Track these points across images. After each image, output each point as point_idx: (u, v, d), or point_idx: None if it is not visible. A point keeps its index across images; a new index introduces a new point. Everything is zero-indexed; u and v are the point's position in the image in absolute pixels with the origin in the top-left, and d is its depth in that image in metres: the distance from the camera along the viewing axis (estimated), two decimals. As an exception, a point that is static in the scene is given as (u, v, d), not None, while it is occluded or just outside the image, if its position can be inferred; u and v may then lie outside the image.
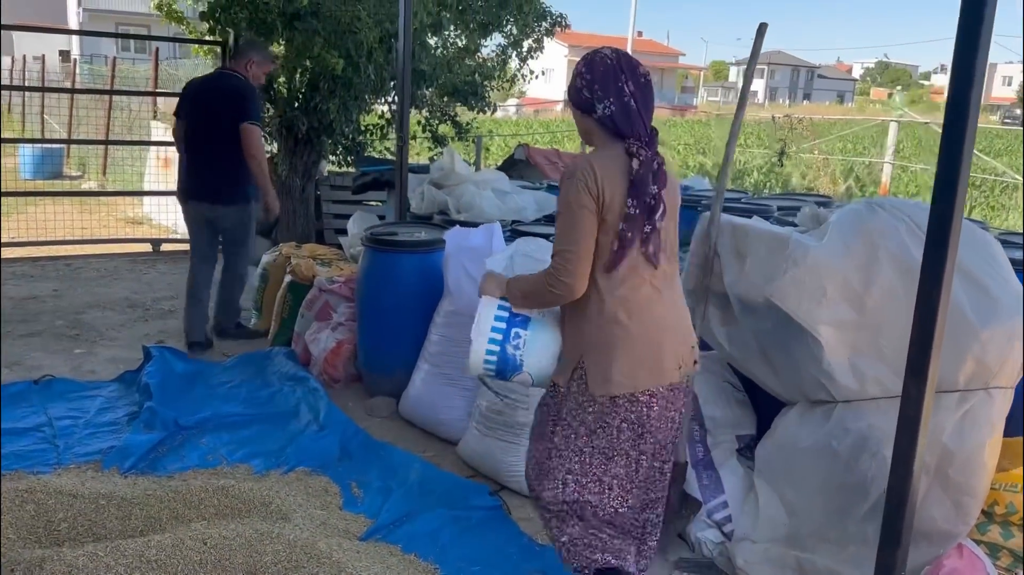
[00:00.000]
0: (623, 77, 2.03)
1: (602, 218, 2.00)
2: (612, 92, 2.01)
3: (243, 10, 5.64)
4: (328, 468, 3.25)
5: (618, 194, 1.99)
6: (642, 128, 2.04)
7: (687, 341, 2.14)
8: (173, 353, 4.23)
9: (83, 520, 2.62)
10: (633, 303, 2.05)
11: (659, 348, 2.07)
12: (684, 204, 4.92)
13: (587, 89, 2.03)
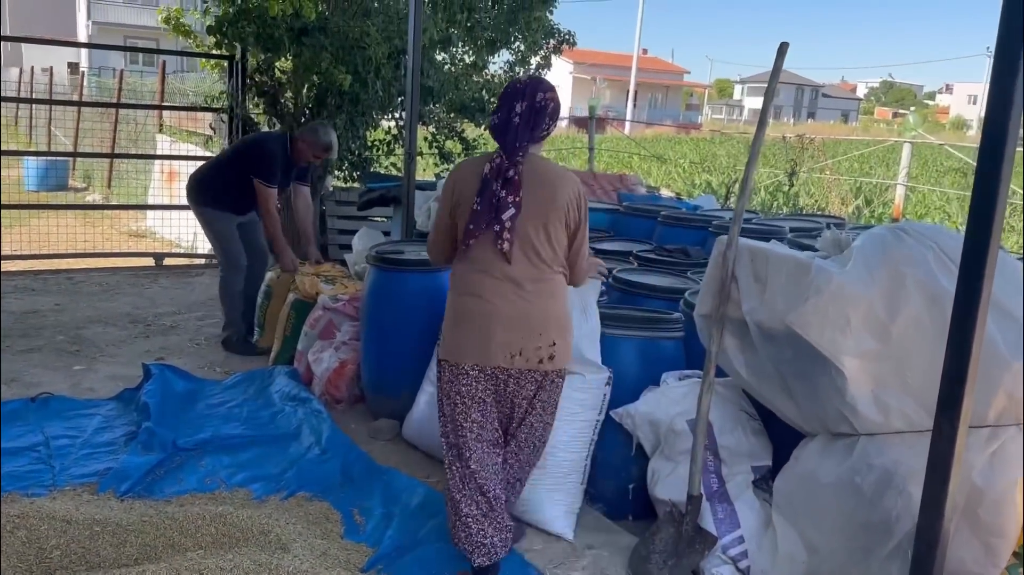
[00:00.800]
0: (519, 99, 2.44)
1: (453, 212, 2.50)
2: (504, 109, 2.44)
3: (250, 24, 5.61)
4: (329, 493, 3.16)
5: (468, 193, 2.44)
6: (513, 142, 2.41)
7: (533, 337, 2.45)
8: (173, 371, 4.15)
9: (76, 547, 2.53)
10: (473, 288, 2.47)
11: (486, 333, 2.44)
12: (693, 224, 4.94)
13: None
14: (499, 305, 2.43)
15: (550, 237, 2.43)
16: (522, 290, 2.43)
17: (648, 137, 29.48)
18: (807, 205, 11.00)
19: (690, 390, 2.98)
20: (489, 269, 2.43)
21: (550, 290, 2.47)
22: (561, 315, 2.51)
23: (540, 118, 2.45)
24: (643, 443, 3.11)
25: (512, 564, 2.74)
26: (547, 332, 2.46)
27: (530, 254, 2.42)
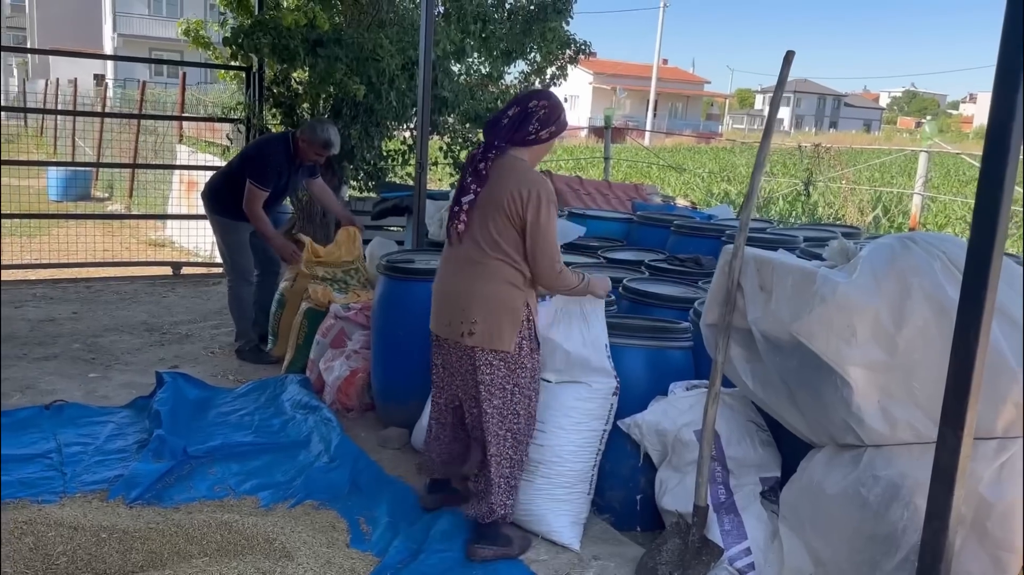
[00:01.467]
0: (516, 104, 2.73)
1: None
2: (501, 110, 2.75)
3: (266, 36, 5.67)
4: (337, 502, 3.16)
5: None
6: (493, 139, 2.69)
7: (458, 312, 2.73)
8: (186, 379, 4.18)
9: (83, 554, 2.55)
10: (441, 265, 2.85)
11: (437, 305, 2.84)
12: (706, 233, 4.92)
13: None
14: (444, 281, 2.82)
15: (498, 228, 2.66)
16: (461, 270, 2.73)
17: (668, 147, 29.45)
18: (825, 215, 10.92)
19: (698, 400, 2.96)
20: (448, 248, 2.81)
21: (486, 273, 2.68)
22: (490, 297, 2.68)
23: (527, 122, 2.68)
24: (650, 453, 3.09)
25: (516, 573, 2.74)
26: (469, 309, 2.69)
27: (478, 238, 2.68)
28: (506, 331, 2.70)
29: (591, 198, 7.27)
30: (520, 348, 2.73)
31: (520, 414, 2.80)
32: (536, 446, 2.98)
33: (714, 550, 2.68)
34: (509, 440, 2.79)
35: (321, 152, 4.65)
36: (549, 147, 2.82)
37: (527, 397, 2.80)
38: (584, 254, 4.73)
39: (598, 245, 5.05)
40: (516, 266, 2.69)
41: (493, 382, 2.75)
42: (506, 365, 2.73)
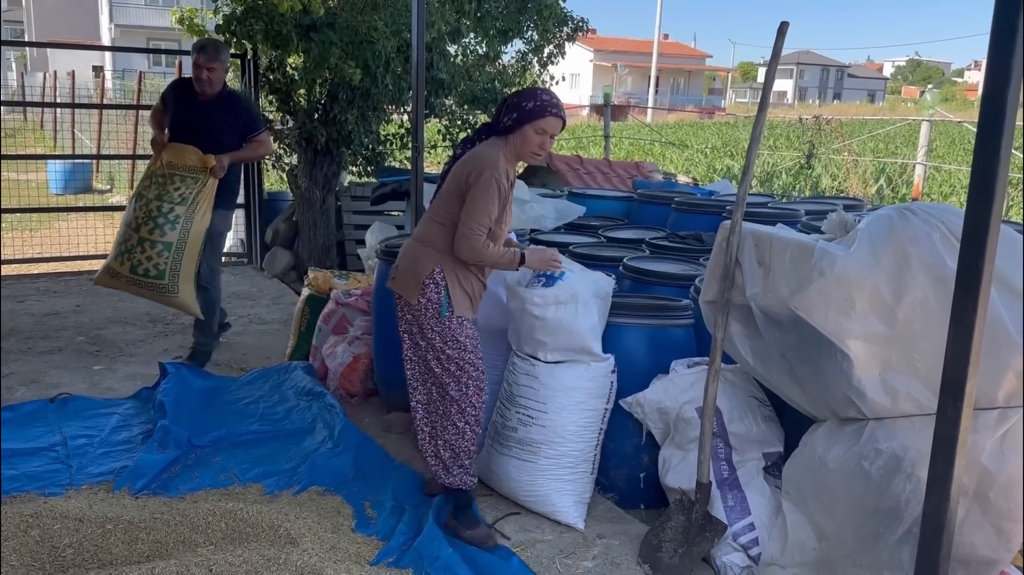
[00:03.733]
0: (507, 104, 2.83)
1: None
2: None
3: (259, 22, 5.63)
4: (342, 487, 3.17)
5: None
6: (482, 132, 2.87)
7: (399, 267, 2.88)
8: (190, 370, 4.20)
9: (89, 546, 2.57)
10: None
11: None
12: (707, 210, 4.89)
13: None
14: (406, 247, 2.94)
15: (448, 199, 2.80)
16: (416, 240, 2.89)
17: (670, 123, 29.26)
18: (828, 187, 10.85)
19: (699, 377, 2.95)
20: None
21: (419, 231, 2.89)
22: (408, 249, 2.87)
23: (499, 113, 2.84)
24: (653, 431, 3.09)
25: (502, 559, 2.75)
26: (400, 262, 2.88)
27: (431, 214, 2.87)
28: (409, 283, 2.81)
29: (591, 177, 7.23)
30: (426, 310, 2.78)
31: (438, 376, 2.83)
32: (538, 427, 2.99)
33: (718, 526, 2.68)
34: (443, 401, 2.86)
35: (195, 60, 4.33)
36: (525, 136, 2.76)
37: (443, 365, 2.81)
38: (584, 233, 4.71)
39: (598, 224, 5.03)
40: (443, 230, 2.79)
41: (404, 329, 2.89)
42: (413, 316, 2.82)
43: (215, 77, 4.35)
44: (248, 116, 4.52)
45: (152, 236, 4.22)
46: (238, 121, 4.44)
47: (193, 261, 4.29)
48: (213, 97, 4.39)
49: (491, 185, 2.70)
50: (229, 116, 4.41)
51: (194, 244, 4.27)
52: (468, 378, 2.83)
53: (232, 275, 6.81)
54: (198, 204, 4.29)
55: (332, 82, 6.13)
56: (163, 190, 4.29)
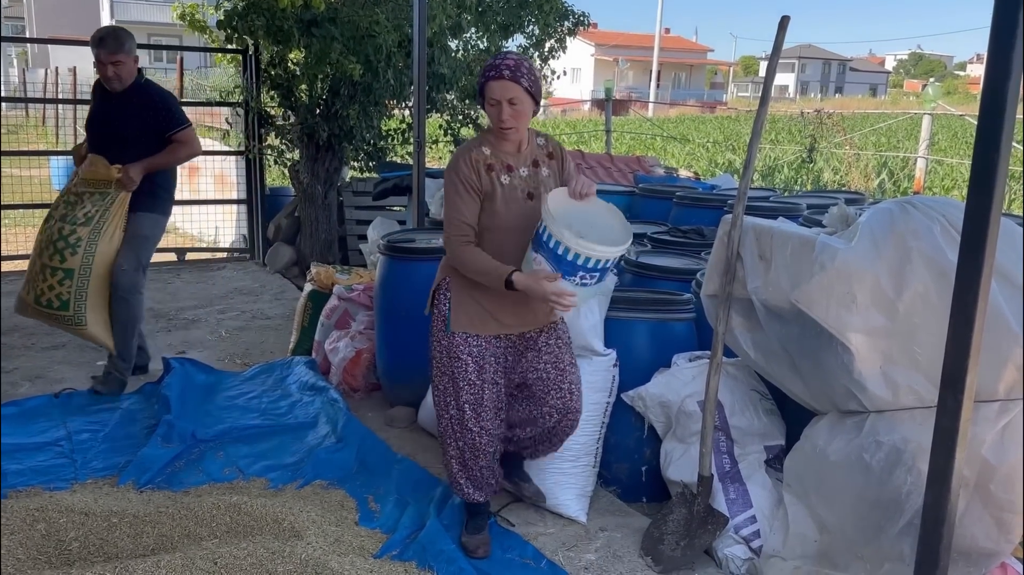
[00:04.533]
0: None
1: None
2: None
3: (260, 17, 5.63)
4: (345, 482, 3.19)
5: None
6: None
7: None
8: (194, 364, 4.21)
9: (94, 539, 2.59)
10: None
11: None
12: (709, 204, 4.90)
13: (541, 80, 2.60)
14: None
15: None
16: None
17: (672, 117, 29.22)
18: (830, 181, 10.84)
19: (700, 371, 2.96)
20: None
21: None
22: (440, 265, 2.75)
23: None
24: (655, 425, 3.10)
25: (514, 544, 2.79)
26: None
27: None
28: (429, 295, 2.75)
29: (592, 172, 7.23)
30: (435, 322, 2.69)
31: (434, 382, 2.71)
32: None
33: (719, 519, 2.70)
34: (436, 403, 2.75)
35: (96, 55, 3.77)
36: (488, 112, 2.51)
37: (436, 374, 2.69)
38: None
39: (600, 219, 5.03)
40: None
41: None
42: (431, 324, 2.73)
43: (123, 71, 3.80)
44: (165, 111, 3.89)
45: (52, 262, 3.76)
46: (154, 117, 3.85)
47: (102, 288, 3.81)
48: (124, 92, 3.85)
49: (449, 183, 2.52)
50: (143, 113, 3.83)
51: (101, 268, 3.78)
52: (463, 398, 2.62)
53: (235, 271, 6.83)
54: (105, 223, 3.77)
55: (333, 77, 6.13)
56: (69, 210, 3.81)
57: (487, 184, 2.50)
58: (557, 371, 2.69)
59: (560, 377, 2.70)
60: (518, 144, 2.56)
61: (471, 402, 2.63)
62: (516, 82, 2.38)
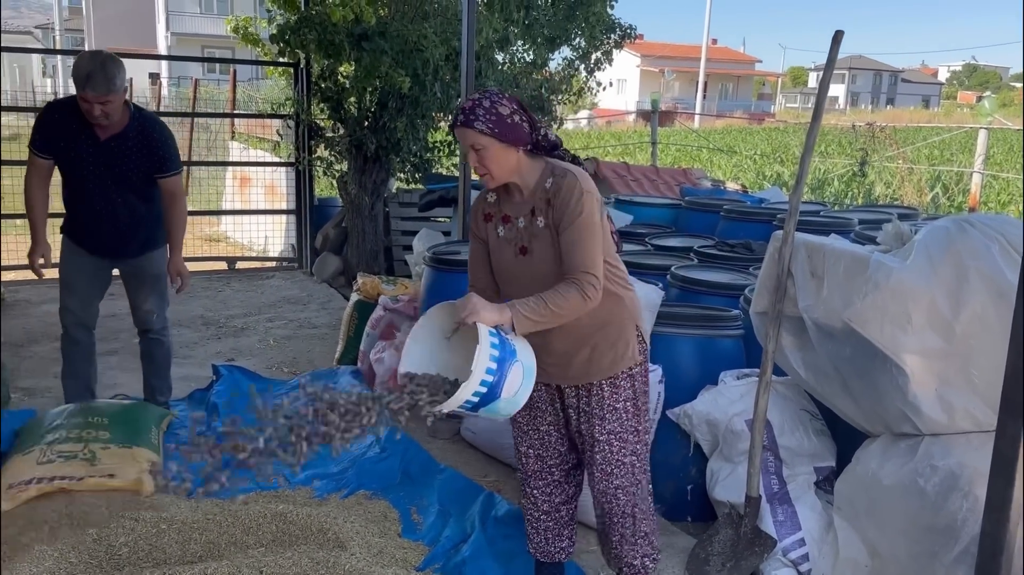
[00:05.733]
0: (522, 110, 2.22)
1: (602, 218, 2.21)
2: (534, 119, 2.21)
3: (312, 31, 5.73)
4: (388, 492, 3.21)
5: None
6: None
7: None
8: (242, 372, 4.28)
9: (143, 544, 2.63)
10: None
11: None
12: (757, 218, 4.84)
13: (527, 122, 2.16)
14: None
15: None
16: None
17: (718, 129, 28.98)
18: (881, 195, 10.63)
19: (748, 389, 2.92)
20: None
21: None
22: None
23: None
24: (701, 443, 3.06)
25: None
26: None
27: None
28: None
29: (638, 184, 7.20)
30: None
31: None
32: None
33: (767, 541, 2.65)
34: None
35: (84, 95, 3.17)
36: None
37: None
38: (632, 241, 4.69)
39: (645, 232, 5.01)
40: None
41: None
42: None
43: (113, 110, 3.24)
44: (163, 152, 3.42)
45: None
46: (150, 158, 3.38)
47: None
48: (116, 128, 3.33)
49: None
50: (143, 152, 3.37)
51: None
52: (518, 442, 2.44)
53: (283, 279, 6.93)
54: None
55: (382, 90, 6.21)
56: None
57: (483, 233, 2.29)
58: (589, 440, 2.29)
59: (592, 448, 2.29)
60: (521, 190, 2.20)
61: (523, 448, 2.42)
62: (469, 127, 2.09)
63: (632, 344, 2.24)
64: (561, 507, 2.46)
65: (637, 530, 2.33)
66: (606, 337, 2.20)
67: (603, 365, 2.21)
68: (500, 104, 2.11)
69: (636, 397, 2.26)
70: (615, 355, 2.21)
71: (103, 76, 3.17)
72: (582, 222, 2.07)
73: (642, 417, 2.29)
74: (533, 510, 2.46)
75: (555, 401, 2.33)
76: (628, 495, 2.30)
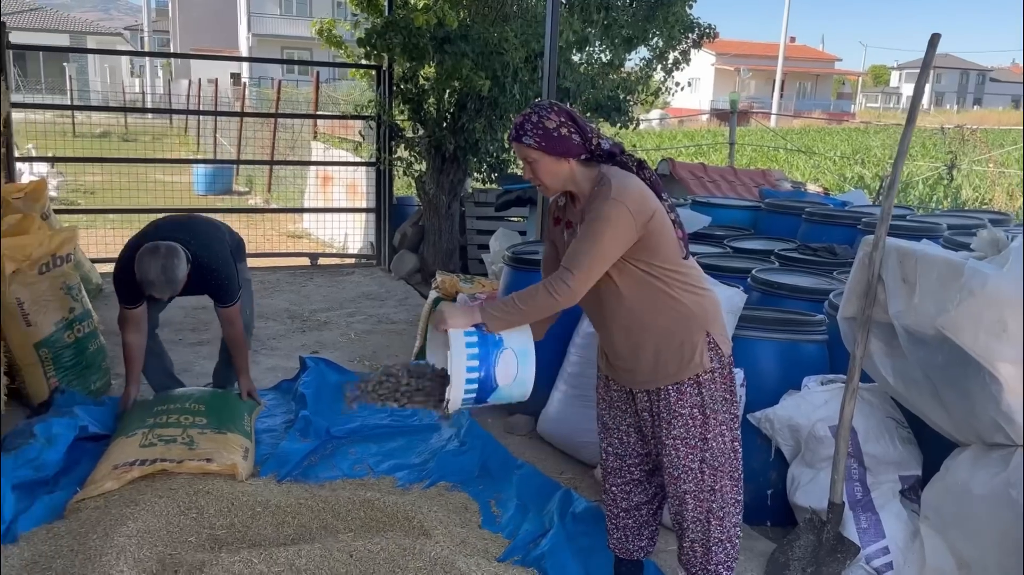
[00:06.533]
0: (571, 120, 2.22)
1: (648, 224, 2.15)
2: (588, 128, 2.21)
3: (397, 35, 5.87)
4: (468, 484, 3.29)
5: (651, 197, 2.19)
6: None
7: None
8: (327, 364, 4.42)
9: (239, 526, 2.77)
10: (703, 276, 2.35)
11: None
12: (841, 221, 4.75)
13: (577, 134, 2.18)
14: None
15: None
16: None
17: (795, 129, 28.35)
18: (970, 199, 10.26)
19: (833, 395, 2.90)
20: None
21: None
22: None
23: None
24: (782, 448, 3.05)
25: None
26: None
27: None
28: None
29: (715, 185, 7.15)
30: None
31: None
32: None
33: (850, 548, 2.62)
34: None
35: (148, 295, 3.44)
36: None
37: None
38: (710, 243, 4.67)
39: (723, 234, 4.98)
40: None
41: None
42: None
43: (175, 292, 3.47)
44: (224, 285, 3.61)
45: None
46: (207, 290, 3.64)
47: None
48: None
49: None
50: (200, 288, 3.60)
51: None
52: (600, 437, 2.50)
53: (362, 276, 7.12)
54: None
55: (461, 92, 6.32)
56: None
57: (553, 235, 2.38)
58: (658, 444, 2.31)
59: (660, 452, 2.31)
60: (578, 198, 2.25)
61: (604, 445, 2.46)
62: (519, 141, 2.18)
63: (700, 351, 2.23)
64: (641, 507, 2.48)
65: (711, 536, 2.33)
66: (669, 343, 2.22)
67: (669, 371, 2.23)
68: (547, 118, 2.16)
69: (704, 404, 2.25)
70: (680, 361, 2.22)
71: (164, 281, 3.32)
72: (588, 225, 2.11)
73: (713, 424, 2.27)
74: (613, 507, 2.49)
75: (631, 404, 2.36)
76: (698, 500, 2.30)
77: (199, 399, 3.59)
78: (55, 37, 32.06)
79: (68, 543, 2.65)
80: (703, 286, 2.30)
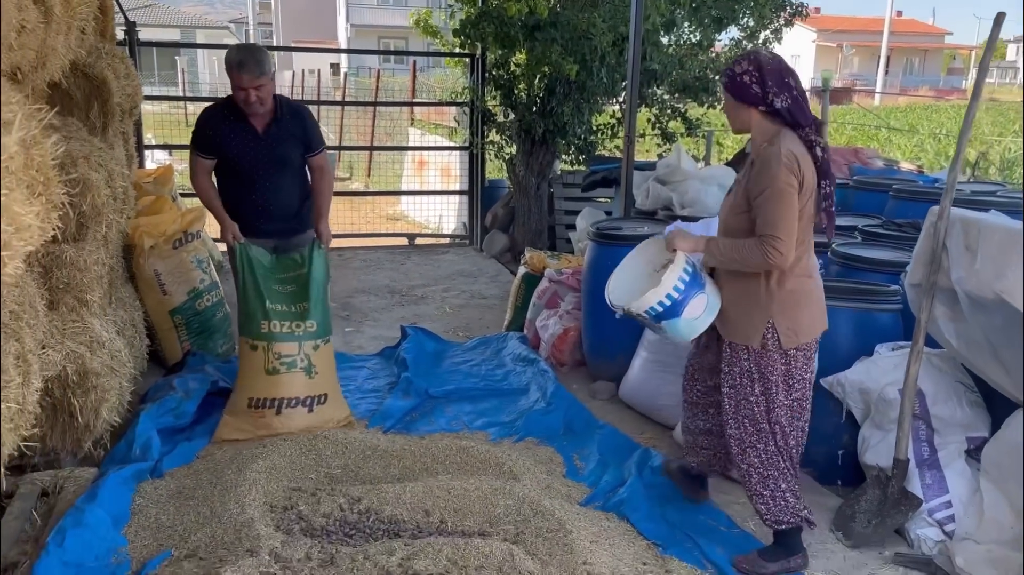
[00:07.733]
0: (790, 78, 2.42)
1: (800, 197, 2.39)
2: (785, 88, 2.39)
3: (490, 25, 6.16)
4: (553, 440, 3.57)
5: (810, 174, 2.39)
6: (812, 119, 2.43)
7: None
8: (425, 333, 4.78)
9: (352, 466, 3.16)
10: (814, 264, 2.55)
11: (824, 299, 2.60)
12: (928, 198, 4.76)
13: (757, 84, 2.39)
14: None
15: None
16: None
17: (900, 106, 27.25)
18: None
19: (902, 360, 3.01)
20: (811, 243, 2.55)
21: None
22: None
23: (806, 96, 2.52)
24: (853, 411, 3.19)
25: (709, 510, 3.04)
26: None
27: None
28: None
29: (806, 164, 7.12)
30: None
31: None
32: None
33: (913, 501, 2.77)
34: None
35: (237, 80, 3.45)
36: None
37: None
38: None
39: (810, 211, 5.04)
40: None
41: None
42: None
43: (264, 94, 3.50)
44: (314, 132, 3.75)
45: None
46: (305, 138, 3.70)
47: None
48: (269, 116, 3.60)
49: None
50: (298, 134, 3.68)
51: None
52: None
53: (456, 255, 7.48)
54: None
55: (550, 77, 6.56)
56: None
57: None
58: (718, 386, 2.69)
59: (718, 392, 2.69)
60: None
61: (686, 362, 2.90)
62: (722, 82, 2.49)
63: (759, 331, 2.50)
64: (700, 436, 2.87)
65: (752, 485, 2.64)
66: (736, 308, 2.54)
67: (731, 330, 2.56)
68: (738, 64, 2.43)
69: (754, 376, 2.53)
70: (740, 328, 2.53)
71: (254, 61, 3.45)
72: (770, 191, 2.34)
73: (762, 397, 2.55)
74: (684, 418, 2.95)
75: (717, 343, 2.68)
76: (740, 448, 2.63)
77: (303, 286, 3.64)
78: (167, 32, 33.70)
79: (207, 478, 3.08)
80: (797, 274, 2.48)
